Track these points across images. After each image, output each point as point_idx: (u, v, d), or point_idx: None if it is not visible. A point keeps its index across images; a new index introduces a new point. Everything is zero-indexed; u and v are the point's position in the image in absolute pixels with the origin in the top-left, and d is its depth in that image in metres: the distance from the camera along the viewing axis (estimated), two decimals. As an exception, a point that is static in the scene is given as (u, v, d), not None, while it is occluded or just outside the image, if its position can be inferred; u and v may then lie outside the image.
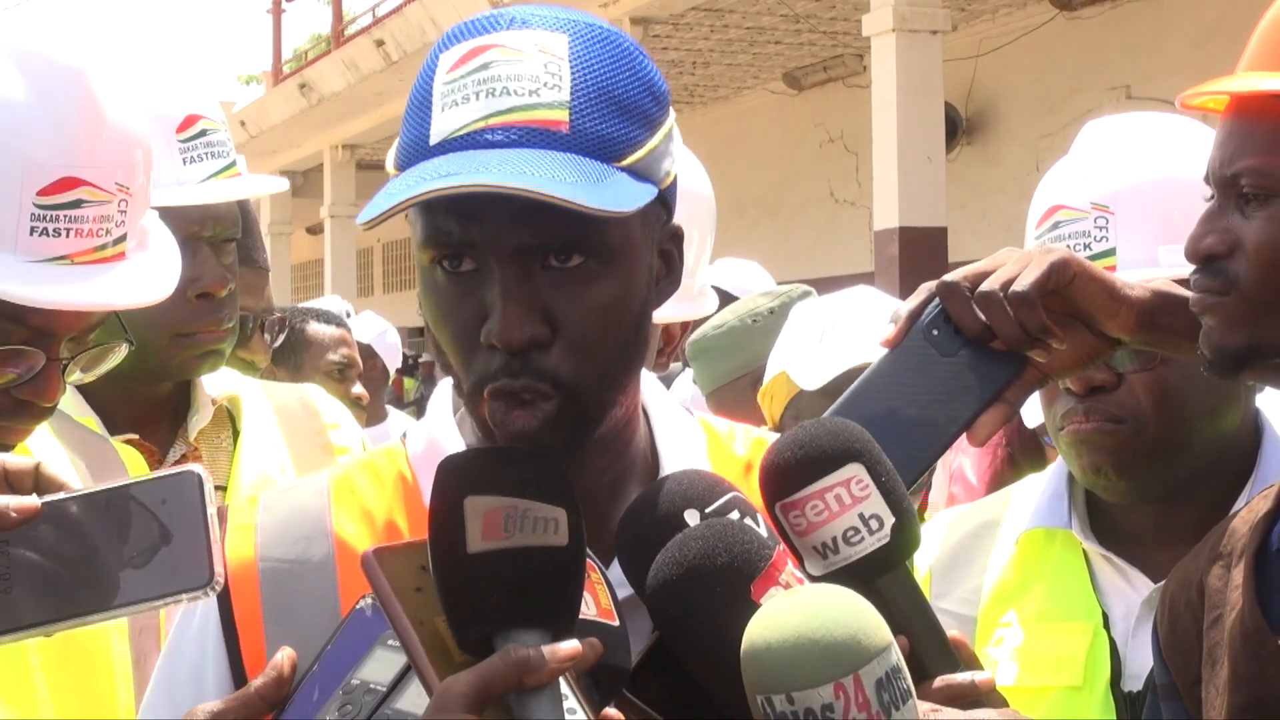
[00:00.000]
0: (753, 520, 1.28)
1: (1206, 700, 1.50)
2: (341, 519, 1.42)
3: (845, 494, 1.31)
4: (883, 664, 1.16)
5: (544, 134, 1.27)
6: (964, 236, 12.39)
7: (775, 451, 1.35)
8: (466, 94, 1.29)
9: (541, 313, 1.28)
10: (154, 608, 1.30)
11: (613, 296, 1.31)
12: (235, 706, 1.29)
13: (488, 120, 1.28)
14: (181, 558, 1.29)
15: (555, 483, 1.22)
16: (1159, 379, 1.90)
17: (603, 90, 1.31)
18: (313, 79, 18.75)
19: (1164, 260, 1.92)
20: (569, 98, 1.29)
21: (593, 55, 1.32)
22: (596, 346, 1.31)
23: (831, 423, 1.36)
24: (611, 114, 1.31)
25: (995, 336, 1.51)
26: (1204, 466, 1.95)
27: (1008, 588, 2.02)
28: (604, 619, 1.25)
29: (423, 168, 1.27)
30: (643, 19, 13.65)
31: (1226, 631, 1.48)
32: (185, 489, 1.31)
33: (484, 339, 1.29)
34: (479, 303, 1.29)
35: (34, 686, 1.73)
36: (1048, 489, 2.06)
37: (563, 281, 1.29)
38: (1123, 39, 12.80)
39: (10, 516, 1.27)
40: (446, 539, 1.19)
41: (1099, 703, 1.90)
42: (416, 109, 1.33)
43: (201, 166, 2.40)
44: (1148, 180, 1.98)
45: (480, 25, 1.33)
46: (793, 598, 1.19)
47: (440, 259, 1.31)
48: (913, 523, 1.34)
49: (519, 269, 1.28)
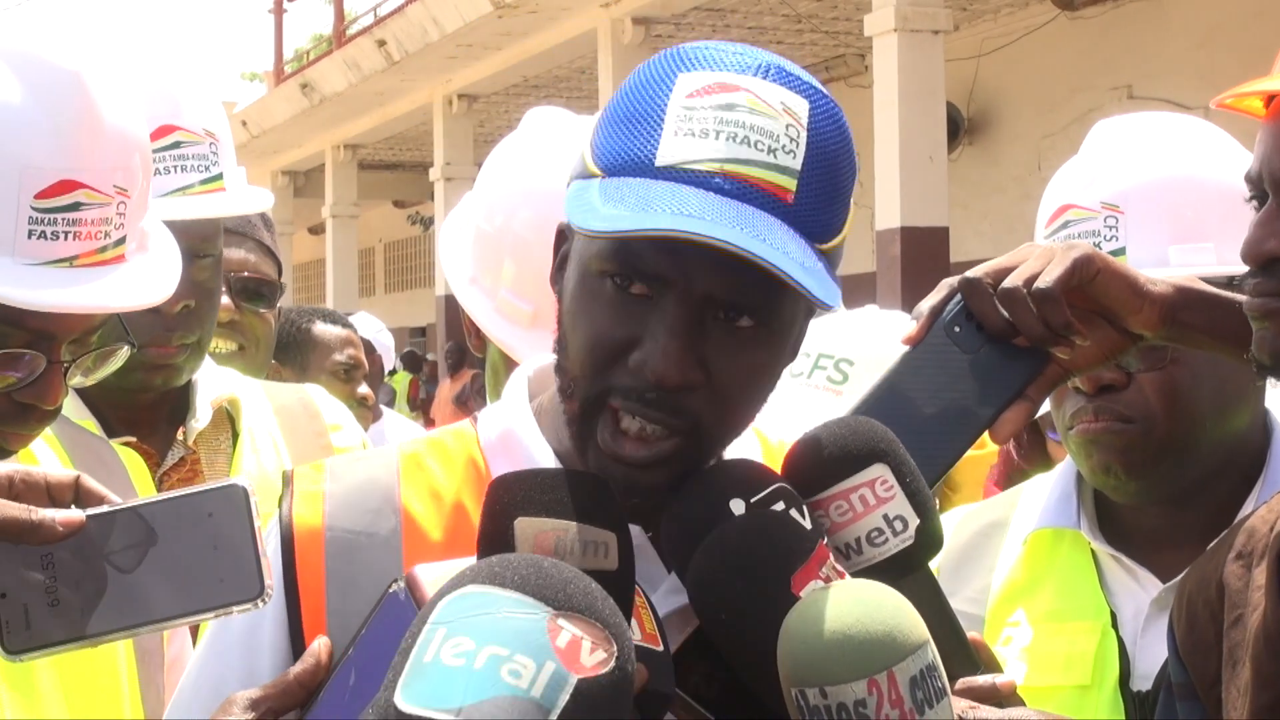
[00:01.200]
0: (798, 511, 1.28)
1: (1227, 701, 1.49)
2: (410, 495, 1.42)
3: (870, 495, 1.32)
4: (918, 661, 1.16)
5: (770, 199, 1.28)
6: (966, 236, 12.40)
7: (799, 451, 1.35)
8: (706, 128, 1.28)
9: (700, 361, 1.29)
10: (203, 619, 1.30)
11: (765, 363, 1.33)
12: (275, 694, 1.29)
13: (724, 166, 1.27)
14: (229, 569, 1.29)
15: (606, 507, 1.23)
16: (1169, 378, 1.90)
17: (829, 170, 1.31)
18: (314, 79, 18.75)
19: (1174, 260, 1.92)
20: (800, 168, 1.29)
21: (827, 130, 1.32)
22: (741, 403, 1.33)
23: (856, 422, 1.36)
24: (829, 196, 1.32)
25: (1018, 333, 1.51)
26: (1213, 467, 1.94)
27: (1016, 587, 2.01)
28: (649, 644, 1.25)
29: (650, 189, 1.26)
30: (644, 19, 13.65)
31: (1249, 632, 1.47)
32: (231, 501, 1.31)
33: (635, 365, 1.29)
34: (637, 326, 1.29)
35: (40, 685, 1.73)
36: (1056, 489, 2.06)
37: (726, 337, 1.30)
38: (1124, 39, 12.80)
39: (56, 530, 1.27)
40: None
41: (1108, 702, 1.90)
42: (640, 119, 1.31)
43: (167, 179, 2.33)
44: (1158, 180, 1.98)
45: (726, 60, 1.32)
46: (831, 592, 1.19)
47: (614, 274, 1.30)
48: (936, 524, 1.34)
49: (695, 314, 1.28)
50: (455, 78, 16.66)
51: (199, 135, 2.39)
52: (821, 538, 1.27)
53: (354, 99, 18.18)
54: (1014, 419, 1.53)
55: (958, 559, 2.07)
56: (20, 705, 1.71)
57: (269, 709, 1.29)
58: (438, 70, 16.51)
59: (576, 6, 13.69)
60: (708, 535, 1.25)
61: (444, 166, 16.86)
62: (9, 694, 1.70)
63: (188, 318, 2.32)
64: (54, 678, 1.74)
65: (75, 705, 1.76)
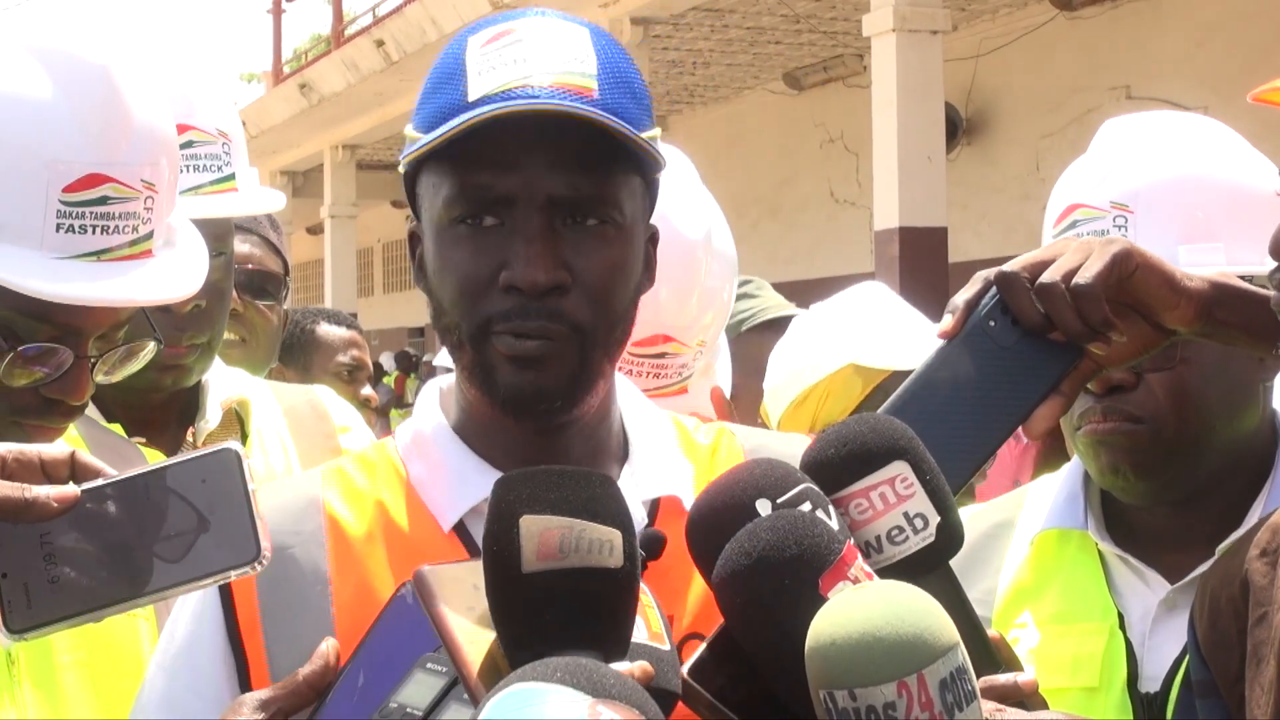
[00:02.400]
0: (824, 512, 1.27)
1: (1250, 699, 1.48)
2: (331, 495, 1.50)
3: (890, 492, 1.31)
4: (948, 664, 1.15)
5: (577, 96, 1.39)
6: (964, 236, 12.40)
7: (819, 448, 1.35)
8: (503, 60, 1.41)
9: (562, 263, 1.39)
10: (203, 585, 1.31)
11: (621, 259, 1.44)
12: (284, 694, 1.31)
13: (527, 80, 1.39)
14: (226, 535, 1.30)
15: (611, 504, 1.22)
16: (1178, 379, 1.89)
17: (620, 73, 1.44)
18: (313, 79, 18.75)
19: (1184, 260, 1.91)
20: (596, 71, 1.42)
21: (609, 47, 1.46)
22: (609, 299, 1.42)
23: (875, 419, 1.36)
24: (628, 95, 1.44)
25: (1054, 327, 1.51)
26: (1222, 467, 1.94)
27: (1023, 588, 2.00)
28: (654, 643, 1.25)
29: (469, 115, 1.38)
30: (643, 19, 13.64)
31: (1274, 630, 1.46)
32: (225, 466, 1.31)
33: (504, 282, 1.39)
34: (498, 252, 1.40)
35: (64, 685, 1.73)
36: (1063, 489, 2.05)
37: (580, 238, 1.41)
38: (1123, 39, 12.81)
39: (51, 506, 1.27)
40: (501, 558, 1.19)
41: (1116, 704, 1.89)
42: (445, 79, 1.44)
43: (181, 179, 2.35)
44: (1167, 179, 1.97)
45: (506, 17, 1.46)
46: (860, 594, 1.18)
47: (464, 216, 1.41)
48: (957, 521, 1.34)
49: (545, 220, 1.39)
50: (453, 78, 16.66)
51: (212, 135, 2.41)
52: (849, 538, 1.27)
53: (352, 99, 18.18)
54: (1048, 414, 1.52)
55: (964, 560, 2.04)
56: (43, 705, 1.70)
57: (279, 709, 1.30)
58: (436, 70, 16.52)
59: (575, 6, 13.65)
60: (734, 534, 1.24)
61: (442, 167, 16.84)
62: (33, 693, 1.69)
63: (199, 317, 2.32)
64: (78, 677, 1.74)
65: (100, 705, 1.75)
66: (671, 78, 16.30)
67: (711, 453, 1.56)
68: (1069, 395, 1.53)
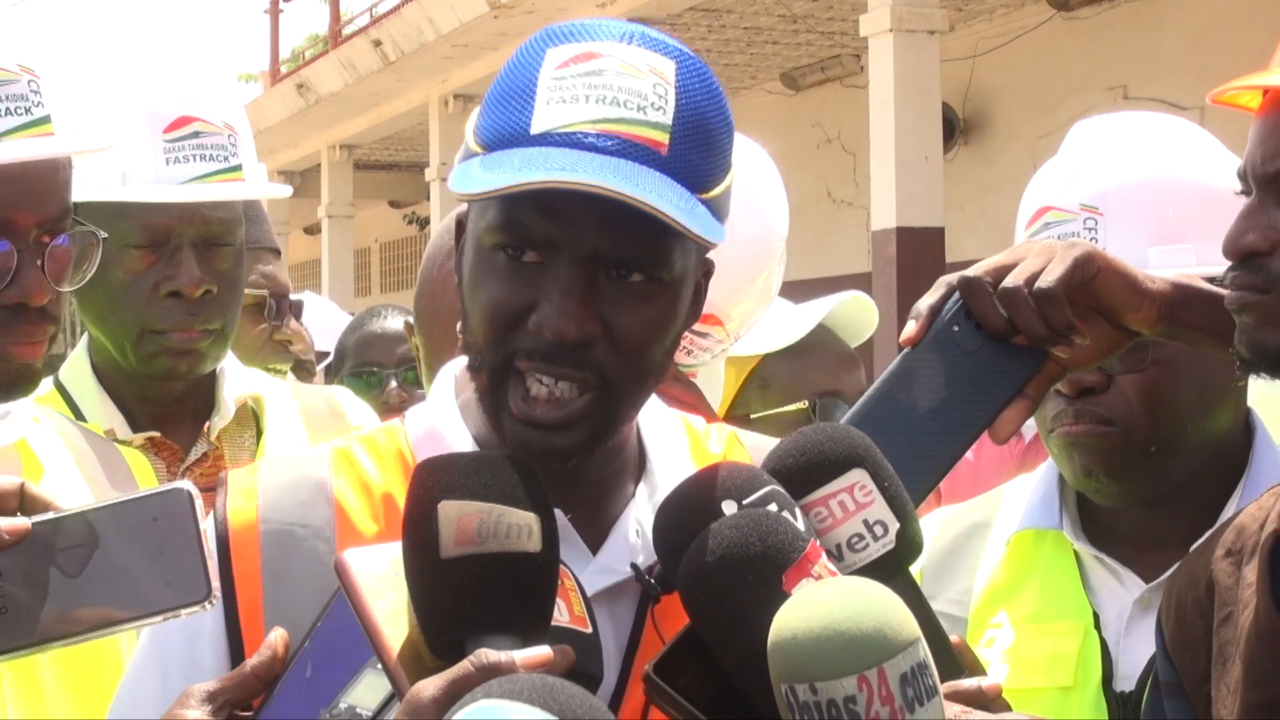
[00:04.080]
0: (790, 513, 1.28)
1: (1216, 699, 1.49)
2: (342, 487, 1.45)
3: (849, 500, 1.32)
4: (908, 659, 1.16)
5: (645, 150, 1.32)
6: (961, 236, 12.39)
7: (777, 458, 1.35)
8: (576, 94, 1.33)
9: (596, 316, 1.33)
10: (151, 623, 1.31)
11: (662, 315, 1.37)
12: (231, 686, 1.31)
13: (596, 124, 1.32)
14: (176, 573, 1.30)
15: (529, 489, 1.23)
16: (1149, 380, 1.89)
17: (700, 122, 1.35)
18: (310, 79, 18.73)
19: (1154, 261, 1.91)
20: (671, 122, 1.33)
21: (695, 86, 1.36)
22: (640, 354, 1.36)
23: (832, 428, 1.36)
24: (703, 146, 1.36)
25: (1017, 332, 1.51)
26: (1196, 468, 1.94)
27: (999, 588, 2.01)
28: (577, 626, 1.26)
29: (527, 154, 1.31)
30: (640, 19, 13.62)
31: (1240, 630, 1.46)
32: (176, 505, 1.31)
33: (534, 326, 1.33)
34: (534, 291, 1.34)
35: (43, 685, 1.74)
36: (1038, 490, 2.05)
37: (619, 293, 1.34)
38: (1120, 39, 12.80)
39: (1, 538, 1.27)
40: (420, 543, 1.20)
41: (1091, 703, 1.90)
42: (515, 96, 1.35)
43: (186, 167, 2.40)
44: (1137, 181, 1.97)
45: (590, 31, 1.37)
46: (821, 589, 1.19)
47: (505, 246, 1.35)
48: (916, 528, 1.34)
49: (586, 271, 1.33)
50: (451, 78, 16.63)
51: (218, 127, 2.45)
52: (813, 537, 1.27)
53: (350, 99, 18.15)
54: (1014, 417, 1.53)
55: (941, 560, 2.06)
56: (24, 705, 1.71)
57: (225, 701, 1.30)
58: (434, 70, 16.49)
59: (573, 7, 13.67)
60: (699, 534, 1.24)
61: (440, 167, 16.82)
62: (13, 693, 1.70)
63: (209, 303, 2.37)
64: (56, 676, 1.75)
65: (79, 704, 1.76)
66: (669, 78, 16.29)
67: (722, 460, 1.51)
68: (1034, 399, 1.54)
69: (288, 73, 20.95)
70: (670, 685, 1.27)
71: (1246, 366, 1.48)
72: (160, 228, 2.35)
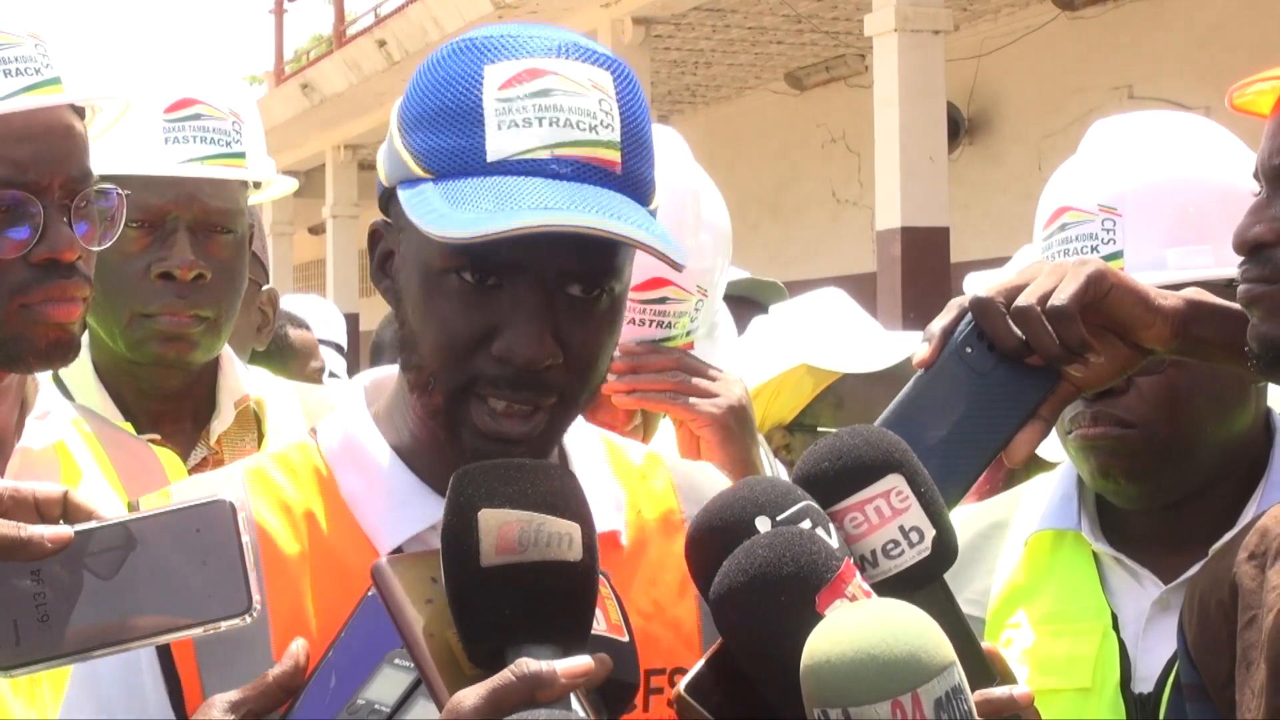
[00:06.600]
0: (824, 530, 1.26)
1: (1240, 702, 1.48)
2: (260, 507, 1.43)
3: (885, 506, 1.29)
4: (943, 683, 1.14)
5: (601, 172, 1.33)
6: (966, 236, 12.38)
7: (812, 462, 1.33)
8: (528, 117, 1.32)
9: (555, 335, 1.34)
10: (192, 634, 1.30)
11: (611, 326, 1.40)
12: (254, 695, 1.30)
13: (553, 150, 1.32)
14: (217, 584, 1.29)
15: (569, 497, 1.22)
16: (1168, 382, 1.89)
17: (640, 133, 1.37)
18: (314, 79, 18.73)
19: (1172, 262, 1.91)
20: (620, 139, 1.35)
21: (631, 97, 1.37)
22: (594, 368, 1.39)
23: (869, 432, 1.34)
24: (647, 157, 1.38)
25: (1031, 352, 1.50)
26: (1215, 469, 1.93)
27: (1017, 589, 2.00)
28: (614, 634, 1.25)
29: (492, 186, 1.30)
30: (645, 19, 13.63)
31: (1264, 633, 1.46)
32: (219, 517, 1.30)
33: (499, 353, 1.33)
34: (493, 315, 1.34)
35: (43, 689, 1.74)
36: (1057, 490, 2.04)
37: (574, 308, 1.35)
38: (1125, 39, 12.79)
39: (45, 545, 1.26)
40: (460, 552, 1.19)
41: (1109, 705, 1.89)
42: (458, 117, 1.34)
43: (185, 148, 2.37)
44: (1156, 182, 1.96)
45: (523, 44, 1.36)
46: (855, 612, 1.17)
47: (460, 270, 1.34)
48: (951, 535, 1.32)
49: (545, 294, 1.34)
50: (455, 78, 16.65)
51: (221, 112, 2.43)
52: (847, 555, 1.25)
53: (354, 99, 18.15)
54: (1029, 439, 1.52)
55: (959, 560, 2.05)
56: (26, 708, 1.71)
57: (249, 711, 1.30)
58: (438, 71, 16.51)
59: (577, 6, 13.67)
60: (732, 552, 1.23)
61: (444, 167, 16.82)
62: (53, 694, 1.71)
63: (203, 290, 2.33)
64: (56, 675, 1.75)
65: None
66: (673, 78, 16.28)
67: (642, 476, 1.54)
68: (1049, 420, 1.53)
69: (292, 73, 20.95)
70: (702, 704, 1.26)
71: (1256, 361, 1.48)
72: (156, 208, 2.32)
